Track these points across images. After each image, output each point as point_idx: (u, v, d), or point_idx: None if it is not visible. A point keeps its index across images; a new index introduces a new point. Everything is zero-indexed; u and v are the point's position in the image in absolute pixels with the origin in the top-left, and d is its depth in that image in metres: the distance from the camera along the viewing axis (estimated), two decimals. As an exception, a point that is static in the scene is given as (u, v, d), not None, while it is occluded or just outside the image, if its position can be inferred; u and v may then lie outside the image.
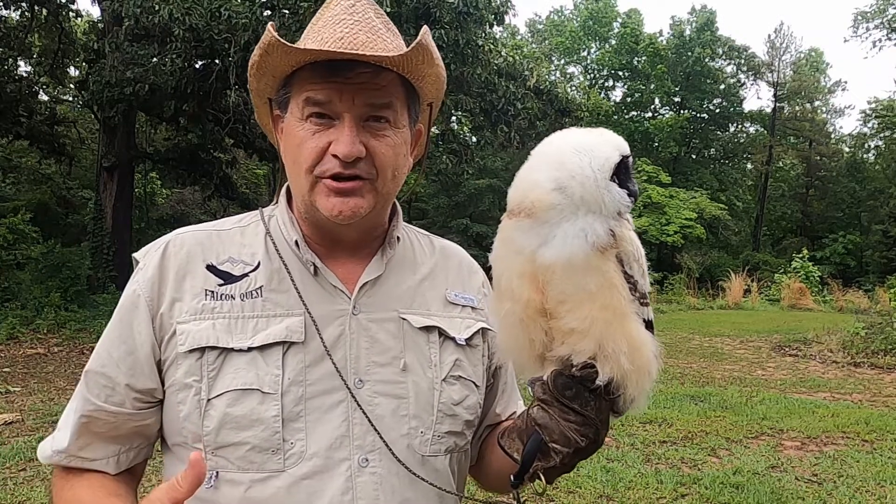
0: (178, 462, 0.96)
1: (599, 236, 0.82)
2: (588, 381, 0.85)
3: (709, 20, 34.11)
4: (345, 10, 0.96)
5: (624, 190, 0.84)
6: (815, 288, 21.36)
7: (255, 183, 23.32)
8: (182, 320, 0.95)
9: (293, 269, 1.00)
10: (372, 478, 0.94)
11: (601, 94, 34.58)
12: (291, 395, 0.93)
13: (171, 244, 1.01)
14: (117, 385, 0.96)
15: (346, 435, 0.94)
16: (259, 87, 1.02)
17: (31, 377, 7.27)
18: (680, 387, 7.51)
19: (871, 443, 5.43)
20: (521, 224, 0.85)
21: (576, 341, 0.84)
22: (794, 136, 36.05)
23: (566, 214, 0.82)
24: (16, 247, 11.66)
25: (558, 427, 0.86)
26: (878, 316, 12.14)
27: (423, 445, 0.98)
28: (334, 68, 0.92)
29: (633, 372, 0.85)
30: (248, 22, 9.46)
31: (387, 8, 9.16)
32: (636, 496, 4.14)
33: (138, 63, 10.71)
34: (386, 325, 1.01)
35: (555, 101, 13.62)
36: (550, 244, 0.82)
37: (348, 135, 0.92)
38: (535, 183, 0.84)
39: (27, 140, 15.46)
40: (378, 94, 0.94)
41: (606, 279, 0.82)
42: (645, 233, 24.82)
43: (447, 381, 1.01)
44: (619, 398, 0.87)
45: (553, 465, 0.88)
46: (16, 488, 4.06)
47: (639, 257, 0.86)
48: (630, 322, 0.84)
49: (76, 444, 0.98)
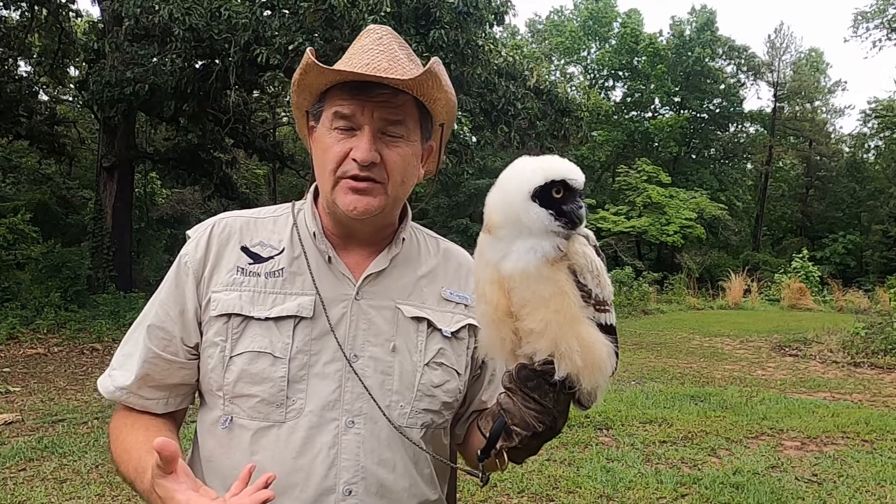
0: (205, 407, 1.18)
1: (547, 252, 0.93)
2: (547, 375, 0.96)
3: (709, 20, 34.08)
4: (374, 41, 1.15)
5: (548, 211, 0.93)
6: (815, 288, 21.37)
7: (255, 183, 23.30)
8: (216, 290, 1.15)
9: (311, 256, 1.18)
10: (356, 437, 1.12)
11: (601, 94, 34.56)
12: (297, 362, 1.12)
13: (217, 225, 1.21)
14: (174, 338, 1.16)
15: (339, 399, 1.12)
16: (298, 101, 1.20)
17: (31, 377, 7.27)
18: (680, 387, 7.52)
19: (871, 443, 5.43)
20: (487, 239, 0.99)
21: (535, 340, 0.96)
22: (794, 136, 36.02)
23: (516, 232, 0.94)
24: (16, 247, 11.67)
25: (520, 413, 0.98)
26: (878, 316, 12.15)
27: (400, 417, 1.15)
28: (360, 88, 1.11)
29: (584, 369, 0.95)
30: (248, 22, 9.46)
31: (387, 8, 9.17)
32: (636, 496, 4.14)
33: (138, 63, 10.72)
34: (383, 311, 1.17)
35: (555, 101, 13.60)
36: (509, 258, 0.95)
37: (366, 143, 1.10)
38: (489, 203, 0.98)
39: (27, 140, 15.45)
40: (394, 111, 1.12)
41: (558, 287, 0.94)
42: (645, 233, 24.84)
43: (429, 366, 1.18)
44: (576, 392, 0.98)
45: (514, 446, 1.00)
46: (16, 488, 4.07)
47: (592, 269, 0.96)
48: (581, 325, 0.95)
49: (136, 384, 1.17)
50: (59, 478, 4.25)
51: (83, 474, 4.31)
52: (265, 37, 9.43)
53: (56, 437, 5.06)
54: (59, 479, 4.22)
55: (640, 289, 18.42)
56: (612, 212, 25.29)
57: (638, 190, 25.32)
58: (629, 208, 25.46)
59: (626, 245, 25.89)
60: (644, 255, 28.19)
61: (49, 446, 4.84)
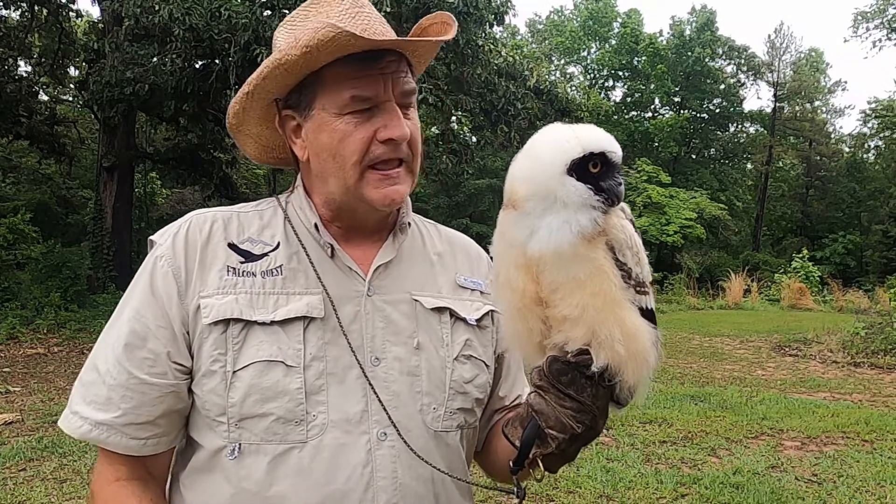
0: (197, 443, 1.00)
1: (584, 226, 0.82)
2: (583, 367, 0.85)
3: (709, 20, 34.09)
4: (352, 3, 1.00)
5: (587, 185, 0.82)
6: (815, 288, 21.35)
7: (255, 183, 23.31)
8: (206, 294, 0.98)
9: (311, 250, 1.04)
10: (390, 451, 0.98)
11: (601, 94, 34.56)
12: (313, 370, 0.97)
13: (194, 222, 1.04)
14: (159, 356, 0.97)
15: (366, 410, 0.98)
16: (265, 87, 1.00)
17: (31, 377, 7.27)
18: (680, 387, 7.51)
19: (871, 443, 5.43)
20: (511, 216, 0.87)
21: (570, 328, 0.85)
22: (794, 136, 36.01)
23: (546, 205, 0.83)
24: (16, 247, 11.66)
25: (554, 413, 0.87)
26: (878, 316, 12.13)
27: (435, 421, 1.02)
28: (366, 59, 0.95)
29: (628, 359, 0.85)
30: (248, 22, 9.45)
31: (387, 7, 9.16)
32: (636, 496, 4.13)
33: (138, 63, 10.72)
34: (400, 306, 1.04)
35: (555, 101, 13.61)
36: (538, 235, 0.84)
37: (398, 119, 0.97)
38: (514, 175, 0.87)
39: (27, 140, 15.46)
40: (406, 80, 1.00)
41: (596, 266, 0.83)
42: (645, 233, 24.80)
43: (458, 360, 1.05)
44: (617, 386, 0.87)
45: (551, 452, 0.89)
46: (16, 488, 4.06)
47: (632, 245, 0.86)
48: (622, 309, 0.84)
49: (121, 419, 0.97)
50: (59, 478, 4.25)
51: (83, 474, 4.30)
52: (265, 37, 9.42)
53: (56, 437, 5.05)
54: (59, 479, 4.22)
55: (640, 289, 18.40)
56: (612, 212, 25.24)
57: (638, 190, 25.31)
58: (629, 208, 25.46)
59: (626, 245, 25.88)
60: (644, 255, 28.18)
61: (49, 446, 4.84)
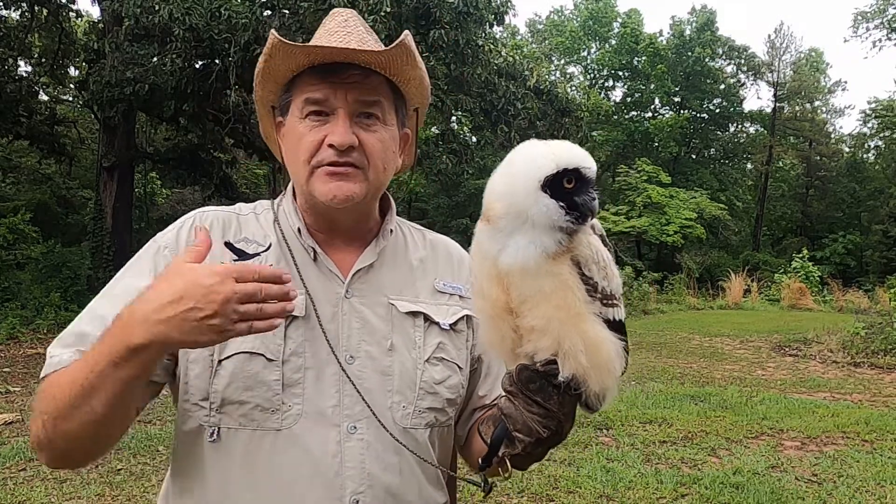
0: (183, 422, 1.06)
1: (547, 247, 0.86)
2: (551, 376, 0.90)
3: (709, 20, 34.09)
4: (339, 24, 1.12)
5: (559, 203, 0.85)
6: (815, 288, 21.36)
7: (255, 183, 23.28)
8: None
9: (296, 252, 1.11)
10: (359, 443, 1.05)
11: (601, 94, 34.57)
12: (291, 364, 1.04)
13: (197, 219, 1.14)
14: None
15: (338, 405, 1.05)
16: (263, 95, 1.14)
17: (31, 377, 7.26)
18: (680, 387, 7.51)
19: (871, 443, 5.43)
20: (486, 230, 0.91)
21: (537, 338, 0.89)
22: (794, 136, 36.01)
23: (517, 224, 0.87)
24: (16, 247, 11.67)
25: (521, 417, 0.92)
26: (878, 316, 12.13)
27: (404, 418, 1.09)
28: (329, 71, 1.06)
29: (591, 369, 0.89)
30: (248, 22, 9.45)
31: (387, 8, 9.16)
32: (636, 496, 4.14)
33: (138, 63, 10.71)
34: (376, 308, 1.11)
35: (555, 101, 13.60)
36: (507, 251, 0.88)
37: (342, 126, 1.04)
38: (492, 190, 0.91)
39: (27, 140, 15.44)
40: (368, 91, 1.07)
41: (561, 281, 0.87)
42: (645, 233, 24.84)
43: (430, 362, 1.12)
44: (583, 394, 0.92)
45: (517, 453, 0.95)
46: (16, 488, 4.06)
47: (598, 259, 0.89)
48: (585, 322, 0.88)
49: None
50: (59, 478, 4.25)
51: (83, 474, 4.30)
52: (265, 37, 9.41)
53: (56, 437, 5.05)
54: (59, 479, 4.22)
55: (640, 289, 18.40)
56: (612, 212, 25.25)
57: (638, 190, 25.32)
58: (629, 208, 25.45)
59: (626, 245, 25.90)
60: (644, 255, 28.19)
61: (49, 446, 4.84)
